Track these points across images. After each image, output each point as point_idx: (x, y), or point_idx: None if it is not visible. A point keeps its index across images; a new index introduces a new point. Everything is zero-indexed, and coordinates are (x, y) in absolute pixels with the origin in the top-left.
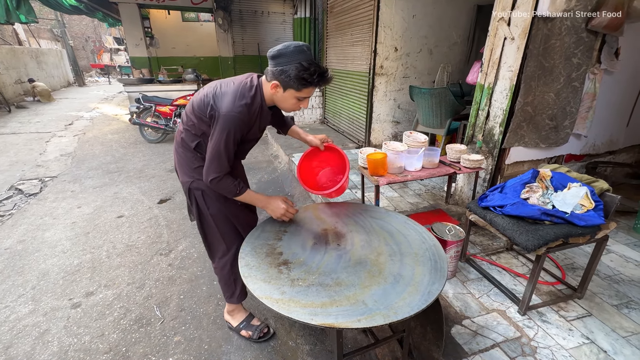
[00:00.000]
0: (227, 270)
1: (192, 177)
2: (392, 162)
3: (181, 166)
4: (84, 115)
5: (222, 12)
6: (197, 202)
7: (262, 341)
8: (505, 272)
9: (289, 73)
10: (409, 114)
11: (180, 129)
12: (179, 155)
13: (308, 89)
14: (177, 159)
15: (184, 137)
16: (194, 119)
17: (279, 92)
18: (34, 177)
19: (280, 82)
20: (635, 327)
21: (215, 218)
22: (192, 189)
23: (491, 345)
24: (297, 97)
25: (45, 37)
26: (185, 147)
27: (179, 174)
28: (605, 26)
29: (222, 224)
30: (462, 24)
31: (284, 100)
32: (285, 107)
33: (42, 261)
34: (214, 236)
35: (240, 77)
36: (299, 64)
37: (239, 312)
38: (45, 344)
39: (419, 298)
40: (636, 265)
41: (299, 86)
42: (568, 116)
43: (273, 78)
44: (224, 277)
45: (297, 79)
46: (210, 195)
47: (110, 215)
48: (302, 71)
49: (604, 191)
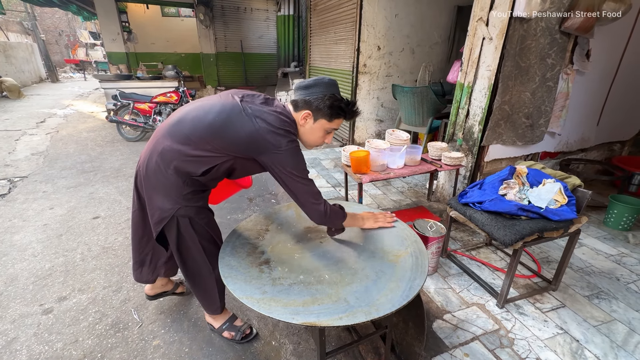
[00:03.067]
0: (210, 289)
1: (180, 204)
2: (375, 160)
3: (163, 191)
4: (57, 113)
5: (203, 8)
6: (181, 231)
7: (245, 342)
8: (484, 266)
9: (324, 103)
10: (392, 113)
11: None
12: (164, 179)
13: (339, 120)
14: (156, 180)
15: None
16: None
17: (308, 122)
18: (1, 178)
19: (313, 111)
20: (605, 316)
21: (203, 241)
22: (178, 217)
23: (471, 339)
24: (326, 128)
25: (14, 30)
26: (179, 171)
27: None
28: (577, 28)
29: (208, 245)
30: (443, 24)
31: (311, 132)
32: (310, 140)
33: (10, 266)
34: (198, 261)
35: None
36: (333, 95)
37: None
38: (13, 353)
39: (401, 294)
40: (606, 258)
41: (332, 117)
42: (543, 115)
43: (305, 107)
44: (208, 296)
45: (331, 108)
46: (199, 220)
47: (85, 216)
48: (337, 101)
49: (576, 187)
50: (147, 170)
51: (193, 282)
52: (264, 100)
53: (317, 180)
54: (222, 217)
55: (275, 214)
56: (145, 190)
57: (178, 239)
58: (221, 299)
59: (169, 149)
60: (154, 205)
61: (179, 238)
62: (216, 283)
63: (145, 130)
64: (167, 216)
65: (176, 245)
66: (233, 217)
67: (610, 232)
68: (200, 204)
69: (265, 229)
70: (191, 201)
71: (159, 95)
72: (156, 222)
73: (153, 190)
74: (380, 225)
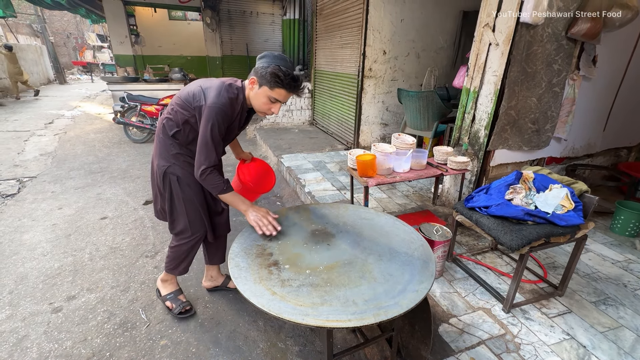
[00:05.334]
0: (184, 250)
1: (170, 162)
2: (381, 164)
3: (160, 152)
4: (65, 114)
5: (209, 12)
6: (172, 186)
7: (181, 317)
8: (490, 271)
9: (267, 70)
10: (397, 117)
11: (163, 117)
12: (159, 142)
13: (279, 90)
14: (156, 145)
15: (165, 124)
16: (178, 108)
17: (254, 88)
18: (11, 178)
19: (258, 78)
20: (611, 322)
21: (187, 204)
22: (168, 173)
23: (477, 343)
24: (269, 96)
25: (23, 32)
26: (165, 133)
27: (155, 160)
28: (584, 34)
29: (191, 211)
30: (448, 29)
31: (256, 97)
32: (256, 105)
33: (20, 264)
34: (181, 218)
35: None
36: (277, 66)
37: (171, 283)
38: (24, 351)
39: (408, 297)
40: (613, 264)
41: (271, 85)
42: (549, 120)
43: (253, 74)
44: (176, 253)
45: (271, 76)
46: (185, 182)
47: (93, 216)
48: (277, 71)
49: (583, 192)
50: (154, 141)
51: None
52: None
53: (322, 183)
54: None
55: (282, 215)
56: (152, 157)
57: (169, 194)
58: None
59: (161, 118)
60: (155, 166)
61: (170, 193)
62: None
63: (152, 132)
64: (162, 172)
65: (169, 201)
66: (239, 219)
67: (617, 238)
68: (188, 169)
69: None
70: (179, 161)
71: (166, 97)
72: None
73: (155, 154)
74: (254, 226)
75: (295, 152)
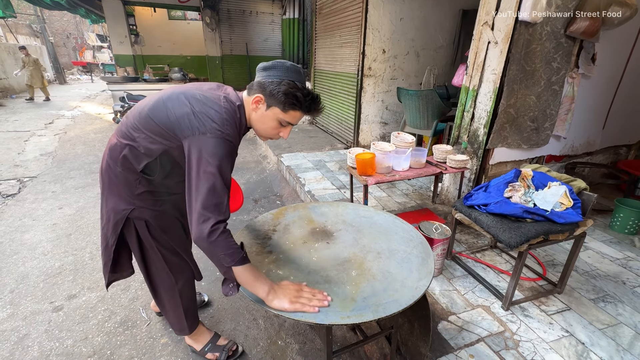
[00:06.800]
0: (175, 303)
1: (133, 205)
2: (381, 162)
3: (116, 191)
4: (65, 114)
5: (209, 11)
6: (139, 234)
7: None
8: (489, 269)
9: (279, 88)
10: (396, 115)
11: (116, 143)
12: (114, 176)
13: (295, 113)
14: (107, 182)
15: (126, 154)
16: (150, 134)
17: (260, 109)
18: (11, 178)
19: (266, 96)
20: (610, 319)
21: (163, 250)
22: (133, 219)
23: (476, 340)
24: (280, 119)
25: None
26: (126, 167)
27: (108, 202)
28: (583, 32)
29: (169, 255)
30: (447, 27)
31: (262, 120)
32: (261, 129)
33: (21, 264)
34: (159, 270)
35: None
36: (291, 82)
37: (201, 333)
38: (25, 349)
39: (407, 294)
40: (612, 261)
41: (286, 106)
42: (548, 118)
43: (258, 91)
44: (173, 312)
45: (286, 96)
46: (157, 226)
47: (93, 216)
48: (293, 88)
49: (581, 190)
50: (102, 171)
51: (158, 297)
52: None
53: (322, 182)
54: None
55: (281, 214)
56: (101, 193)
57: (140, 245)
58: (187, 318)
59: (114, 145)
60: (109, 207)
61: (140, 244)
62: (181, 300)
63: None
64: (122, 218)
65: (140, 253)
66: (239, 218)
67: (616, 235)
68: (159, 207)
69: (272, 229)
70: (147, 202)
71: None
72: (113, 226)
73: (107, 191)
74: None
75: (295, 151)
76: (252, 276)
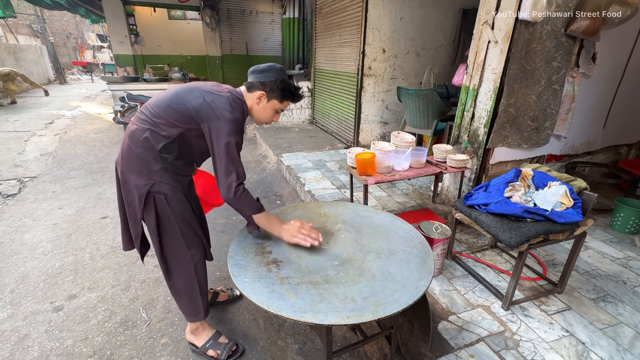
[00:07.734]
0: (191, 280)
1: (153, 180)
2: (381, 162)
3: (137, 169)
4: (65, 114)
5: (209, 11)
6: (158, 207)
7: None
8: (489, 268)
9: (277, 85)
10: (396, 115)
11: (137, 128)
12: (136, 157)
13: (287, 102)
14: (128, 161)
15: (147, 136)
16: (170, 120)
17: (262, 102)
18: (12, 178)
19: (267, 92)
20: (610, 319)
21: (180, 223)
22: (153, 193)
23: (476, 340)
24: (276, 108)
25: (23, 32)
26: (147, 147)
27: (128, 180)
28: (583, 31)
29: (186, 229)
30: (447, 27)
31: (264, 111)
32: (262, 118)
33: (21, 264)
34: (177, 245)
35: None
36: (285, 80)
37: (203, 330)
38: (25, 349)
39: (407, 294)
40: (612, 261)
41: (282, 98)
42: (549, 118)
43: (260, 88)
44: (188, 292)
45: (283, 91)
46: (174, 199)
47: (93, 216)
48: (288, 85)
49: (582, 190)
50: (122, 155)
51: (171, 277)
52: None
53: (322, 182)
54: (229, 218)
55: (282, 214)
56: (121, 174)
57: (157, 220)
58: (203, 297)
59: (135, 129)
60: (129, 186)
61: (158, 219)
62: (196, 276)
63: None
64: (144, 192)
65: (156, 229)
66: (239, 217)
67: (617, 235)
68: (174, 184)
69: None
70: (164, 178)
71: None
72: (139, 201)
73: (128, 172)
74: (297, 242)
75: (295, 150)
76: (267, 220)
